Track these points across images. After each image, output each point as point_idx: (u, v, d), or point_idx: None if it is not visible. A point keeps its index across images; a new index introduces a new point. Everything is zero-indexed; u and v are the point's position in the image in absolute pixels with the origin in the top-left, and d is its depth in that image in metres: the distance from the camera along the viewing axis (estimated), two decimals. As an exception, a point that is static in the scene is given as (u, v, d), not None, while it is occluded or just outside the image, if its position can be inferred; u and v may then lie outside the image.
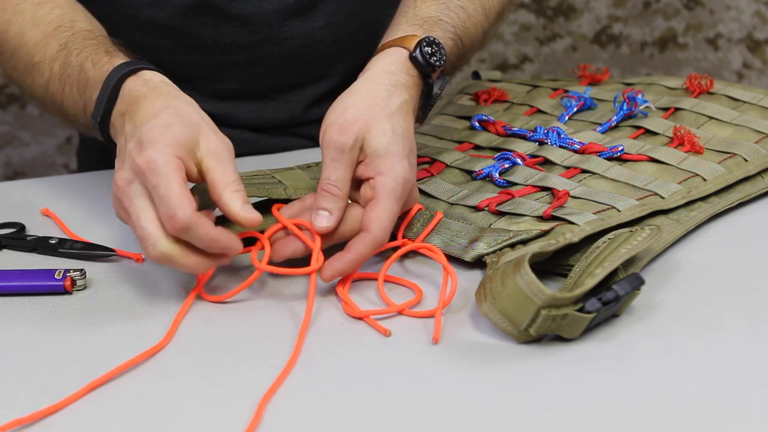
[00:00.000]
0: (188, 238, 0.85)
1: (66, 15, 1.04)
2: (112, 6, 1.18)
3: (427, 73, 0.97)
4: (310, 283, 0.88)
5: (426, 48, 0.96)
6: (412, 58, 0.96)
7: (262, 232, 0.92)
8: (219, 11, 1.19)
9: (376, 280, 0.91)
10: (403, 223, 0.96)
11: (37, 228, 1.04)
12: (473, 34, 1.05)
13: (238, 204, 0.87)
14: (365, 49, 1.25)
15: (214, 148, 0.89)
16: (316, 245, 0.90)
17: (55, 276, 0.92)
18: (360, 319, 0.87)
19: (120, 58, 0.97)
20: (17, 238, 1.01)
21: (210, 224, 0.86)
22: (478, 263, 0.93)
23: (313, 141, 1.25)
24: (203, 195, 0.89)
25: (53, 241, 0.99)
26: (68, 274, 0.92)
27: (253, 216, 0.87)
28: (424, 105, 0.99)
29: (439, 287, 0.90)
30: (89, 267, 0.96)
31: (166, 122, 0.88)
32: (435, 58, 0.96)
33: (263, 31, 1.21)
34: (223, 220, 0.91)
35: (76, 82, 0.98)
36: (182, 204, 0.84)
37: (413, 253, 0.95)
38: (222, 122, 1.24)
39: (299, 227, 0.91)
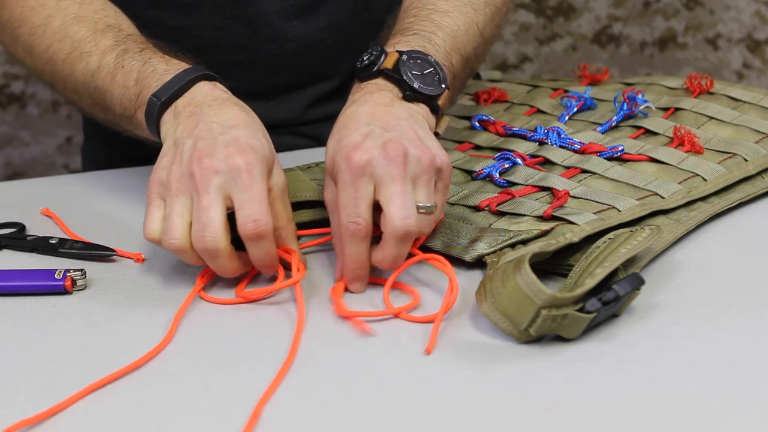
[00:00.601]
0: (255, 245, 0.88)
1: (112, 17, 1.06)
2: (116, 3, 1.18)
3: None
4: (297, 294, 0.88)
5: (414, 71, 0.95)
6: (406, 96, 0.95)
7: None
8: (221, 10, 1.19)
9: (379, 284, 0.91)
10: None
11: (37, 228, 1.04)
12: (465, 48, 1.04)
13: (294, 242, 0.93)
14: (366, 50, 1.25)
15: (283, 183, 0.92)
16: (294, 258, 0.91)
17: (55, 276, 0.92)
18: (347, 319, 0.87)
19: (192, 64, 0.99)
20: (17, 238, 1.01)
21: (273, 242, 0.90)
22: (479, 263, 0.93)
23: (313, 140, 1.25)
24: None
25: (53, 241, 0.99)
26: (68, 274, 0.92)
27: (301, 256, 0.92)
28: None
29: (437, 292, 0.90)
30: (89, 267, 0.96)
31: (258, 137, 0.91)
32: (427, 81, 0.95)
33: (265, 32, 1.21)
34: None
35: (136, 72, 0.98)
36: (268, 213, 0.88)
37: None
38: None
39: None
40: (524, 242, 0.91)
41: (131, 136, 1.04)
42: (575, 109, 1.13)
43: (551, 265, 0.90)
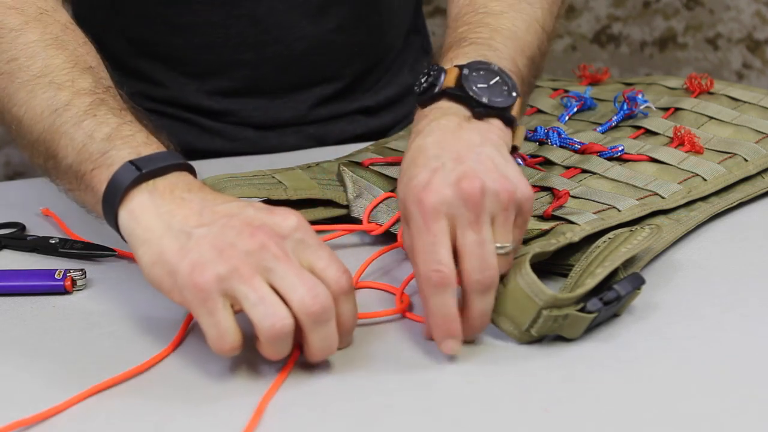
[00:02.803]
0: (325, 318, 0.77)
1: (94, 58, 0.94)
2: (126, 1, 1.18)
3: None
4: None
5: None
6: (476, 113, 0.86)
7: None
8: (230, 8, 1.19)
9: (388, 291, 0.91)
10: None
11: (37, 228, 1.04)
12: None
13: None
14: (374, 53, 1.25)
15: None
16: None
17: (55, 276, 0.92)
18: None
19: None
20: (17, 238, 1.01)
21: None
22: (478, 263, 0.93)
23: (317, 140, 1.25)
24: None
25: (53, 241, 0.99)
26: (68, 274, 0.92)
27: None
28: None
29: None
30: (89, 267, 0.95)
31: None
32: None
33: (273, 32, 1.21)
34: None
35: (111, 127, 0.86)
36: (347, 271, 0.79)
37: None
38: (226, 119, 1.25)
39: None
40: (524, 241, 0.91)
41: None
42: (575, 109, 1.13)
43: (551, 265, 0.90)
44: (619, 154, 1.02)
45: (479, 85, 0.86)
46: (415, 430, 0.75)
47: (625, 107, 1.10)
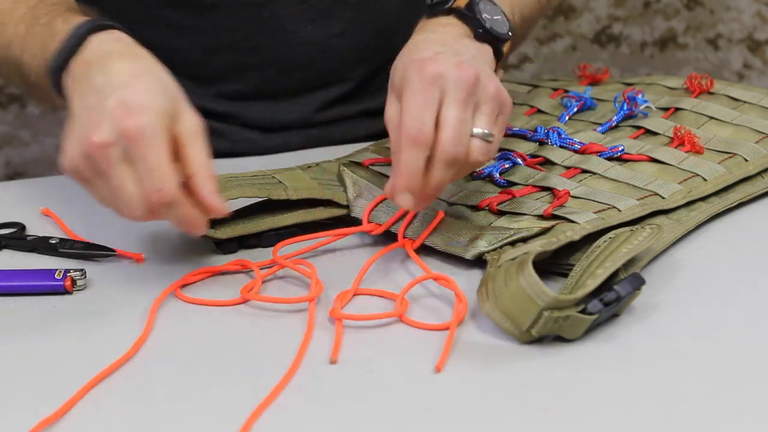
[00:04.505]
0: (168, 213, 0.84)
1: None
2: (129, 2, 1.18)
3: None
4: (310, 311, 0.87)
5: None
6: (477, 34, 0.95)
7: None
8: (235, 12, 1.19)
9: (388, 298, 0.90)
10: (404, 222, 0.96)
11: (37, 228, 1.04)
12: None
13: (209, 187, 0.85)
14: (379, 57, 1.26)
15: (194, 126, 0.85)
16: (314, 274, 0.90)
17: (55, 276, 0.92)
18: (338, 321, 0.86)
19: (92, 17, 0.93)
20: (17, 238, 1.01)
21: (189, 203, 0.85)
22: (478, 262, 0.93)
23: (321, 142, 1.25)
24: None
25: (53, 241, 0.99)
26: (68, 274, 0.92)
27: (221, 204, 0.85)
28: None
29: (433, 299, 0.90)
30: (89, 267, 0.95)
31: (151, 88, 0.85)
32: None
33: (278, 35, 1.21)
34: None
35: (41, 36, 0.94)
36: (171, 178, 0.83)
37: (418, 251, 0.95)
38: (230, 121, 1.25)
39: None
40: (524, 240, 0.91)
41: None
42: (575, 109, 1.13)
43: (551, 265, 0.90)
44: (619, 154, 1.02)
45: (486, 15, 0.96)
46: (415, 430, 0.75)
47: (625, 107, 1.10)
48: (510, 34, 0.97)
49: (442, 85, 0.87)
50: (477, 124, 0.88)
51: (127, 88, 0.84)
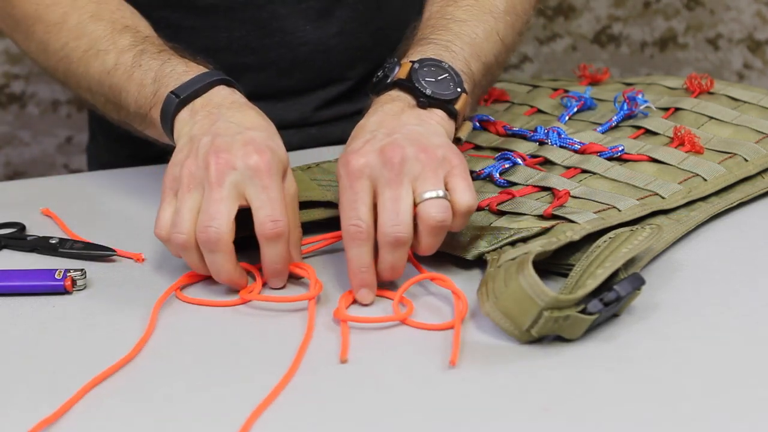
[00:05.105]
0: (272, 246, 0.88)
1: (129, 18, 1.07)
2: (130, 3, 1.18)
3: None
4: (310, 310, 0.87)
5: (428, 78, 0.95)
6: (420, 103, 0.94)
7: None
8: (234, 14, 1.19)
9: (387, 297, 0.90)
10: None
11: (37, 228, 1.04)
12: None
13: (297, 251, 0.92)
14: (377, 56, 1.25)
15: (294, 191, 0.92)
16: (312, 274, 0.90)
17: (55, 276, 0.92)
18: (343, 322, 0.86)
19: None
20: (17, 238, 1.01)
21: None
22: (478, 262, 0.93)
23: (320, 141, 1.25)
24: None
25: (53, 241, 0.99)
26: (68, 274, 0.92)
27: (285, 274, 0.91)
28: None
29: (432, 300, 0.90)
30: (89, 267, 0.95)
31: (275, 140, 0.91)
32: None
33: (277, 36, 1.21)
34: None
35: (154, 71, 0.98)
36: (286, 215, 0.88)
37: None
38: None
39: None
40: (524, 240, 0.91)
41: (142, 137, 1.04)
42: (575, 109, 1.13)
43: (551, 265, 0.90)
44: (619, 154, 1.02)
45: (427, 79, 0.95)
46: (415, 430, 0.75)
47: (625, 107, 1.10)
48: (459, 90, 0.95)
49: (369, 174, 0.88)
50: (425, 190, 0.87)
51: (259, 131, 0.91)
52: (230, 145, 0.89)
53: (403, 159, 0.88)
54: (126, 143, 1.26)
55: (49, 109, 2.06)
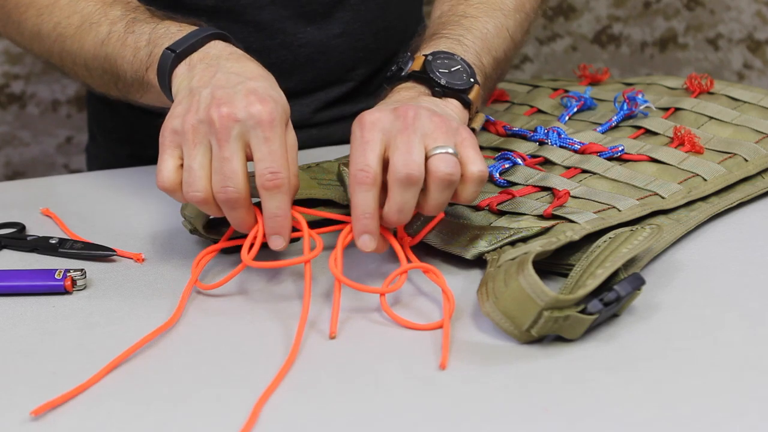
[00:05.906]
0: (272, 198, 0.88)
1: None
2: None
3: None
4: (306, 273, 0.88)
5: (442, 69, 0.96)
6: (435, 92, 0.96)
7: None
8: (235, 16, 1.19)
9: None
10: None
11: (37, 228, 1.04)
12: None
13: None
14: (379, 57, 1.26)
15: (294, 141, 0.91)
16: (305, 231, 0.90)
17: (55, 276, 0.92)
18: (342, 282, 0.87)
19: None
20: (17, 238, 1.01)
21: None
22: (477, 262, 0.93)
23: (321, 142, 1.25)
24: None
25: (53, 241, 0.99)
26: (68, 274, 0.92)
27: (287, 229, 0.89)
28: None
29: (429, 298, 0.90)
30: (89, 267, 0.96)
31: (278, 91, 0.91)
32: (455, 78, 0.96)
33: (278, 37, 1.21)
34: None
35: (147, 34, 0.98)
36: (287, 167, 0.87)
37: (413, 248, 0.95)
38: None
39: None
40: (524, 239, 0.91)
41: (143, 106, 1.03)
42: (575, 109, 1.13)
43: (551, 265, 0.90)
44: (619, 154, 1.03)
45: (441, 71, 0.96)
46: (415, 430, 0.75)
47: (625, 107, 1.10)
48: (473, 81, 0.97)
49: (381, 127, 0.88)
50: (435, 146, 0.87)
51: (260, 81, 0.90)
52: (232, 96, 0.88)
53: (417, 115, 0.88)
54: (126, 143, 1.26)
55: (49, 109, 2.06)
